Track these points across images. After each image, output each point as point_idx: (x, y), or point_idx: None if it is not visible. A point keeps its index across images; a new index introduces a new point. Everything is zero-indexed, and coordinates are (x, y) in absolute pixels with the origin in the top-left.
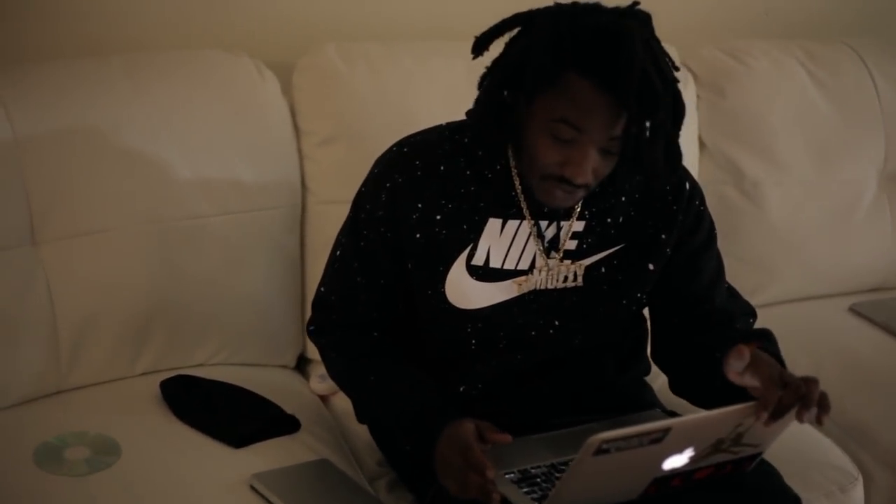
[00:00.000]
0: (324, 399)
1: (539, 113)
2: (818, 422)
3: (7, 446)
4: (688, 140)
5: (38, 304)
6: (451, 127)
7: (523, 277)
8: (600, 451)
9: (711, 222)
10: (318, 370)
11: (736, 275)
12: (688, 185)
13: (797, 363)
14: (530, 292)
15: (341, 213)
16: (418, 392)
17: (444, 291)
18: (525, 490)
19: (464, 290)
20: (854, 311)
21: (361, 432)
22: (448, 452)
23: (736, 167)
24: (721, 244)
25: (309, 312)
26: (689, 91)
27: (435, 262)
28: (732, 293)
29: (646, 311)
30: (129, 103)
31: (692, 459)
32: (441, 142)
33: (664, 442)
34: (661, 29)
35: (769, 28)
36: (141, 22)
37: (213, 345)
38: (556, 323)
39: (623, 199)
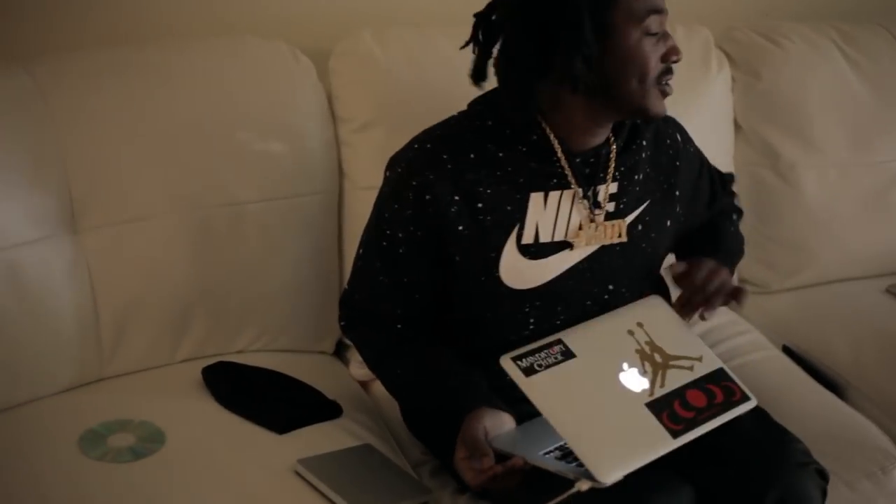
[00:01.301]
0: (364, 385)
1: (624, 25)
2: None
3: (52, 433)
4: (723, 122)
5: (80, 291)
6: (466, 115)
7: (576, 239)
8: (526, 371)
9: (700, 155)
10: (358, 356)
11: (772, 257)
12: (679, 137)
13: (835, 344)
14: (583, 260)
15: None
16: (437, 392)
17: (499, 276)
18: (575, 464)
19: (520, 271)
20: (890, 292)
21: None
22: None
23: (772, 149)
24: (757, 226)
25: None
26: (724, 73)
27: (485, 250)
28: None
29: None
30: (166, 90)
31: (653, 381)
32: (462, 131)
33: (577, 357)
34: (694, 11)
35: (802, 10)
36: (176, 9)
37: (253, 331)
38: (611, 287)
39: (643, 154)
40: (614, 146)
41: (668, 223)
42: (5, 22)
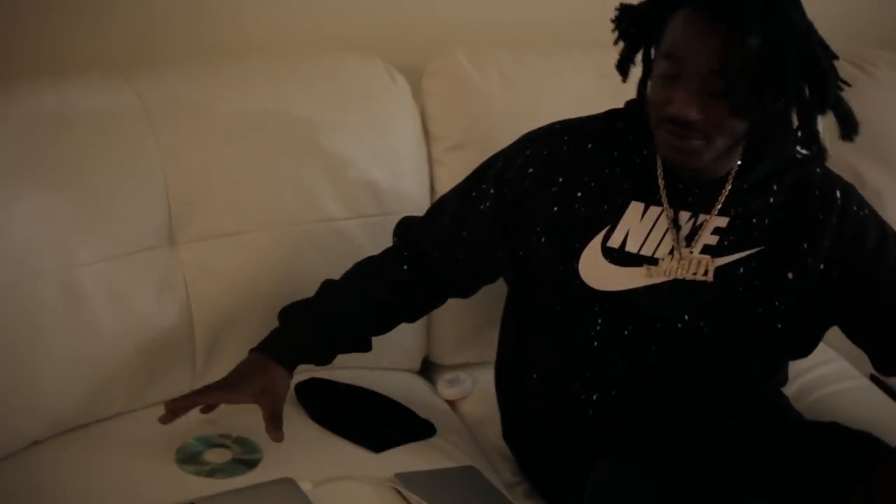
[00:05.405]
0: (452, 404)
1: (655, 59)
2: None
3: (150, 445)
4: None
5: (177, 304)
6: (608, 113)
7: (654, 266)
8: None
9: (881, 224)
10: (445, 375)
11: None
12: (839, 193)
13: None
14: (667, 281)
15: None
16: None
17: (577, 268)
18: None
19: (597, 271)
20: None
21: (494, 439)
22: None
23: (858, 176)
24: None
25: (435, 317)
26: None
27: (570, 239)
28: None
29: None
30: (267, 103)
31: None
32: (593, 124)
33: None
34: None
35: (885, 38)
36: (272, 25)
37: None
38: (686, 318)
39: (771, 200)
40: (730, 183)
41: (790, 275)
42: (105, 31)
